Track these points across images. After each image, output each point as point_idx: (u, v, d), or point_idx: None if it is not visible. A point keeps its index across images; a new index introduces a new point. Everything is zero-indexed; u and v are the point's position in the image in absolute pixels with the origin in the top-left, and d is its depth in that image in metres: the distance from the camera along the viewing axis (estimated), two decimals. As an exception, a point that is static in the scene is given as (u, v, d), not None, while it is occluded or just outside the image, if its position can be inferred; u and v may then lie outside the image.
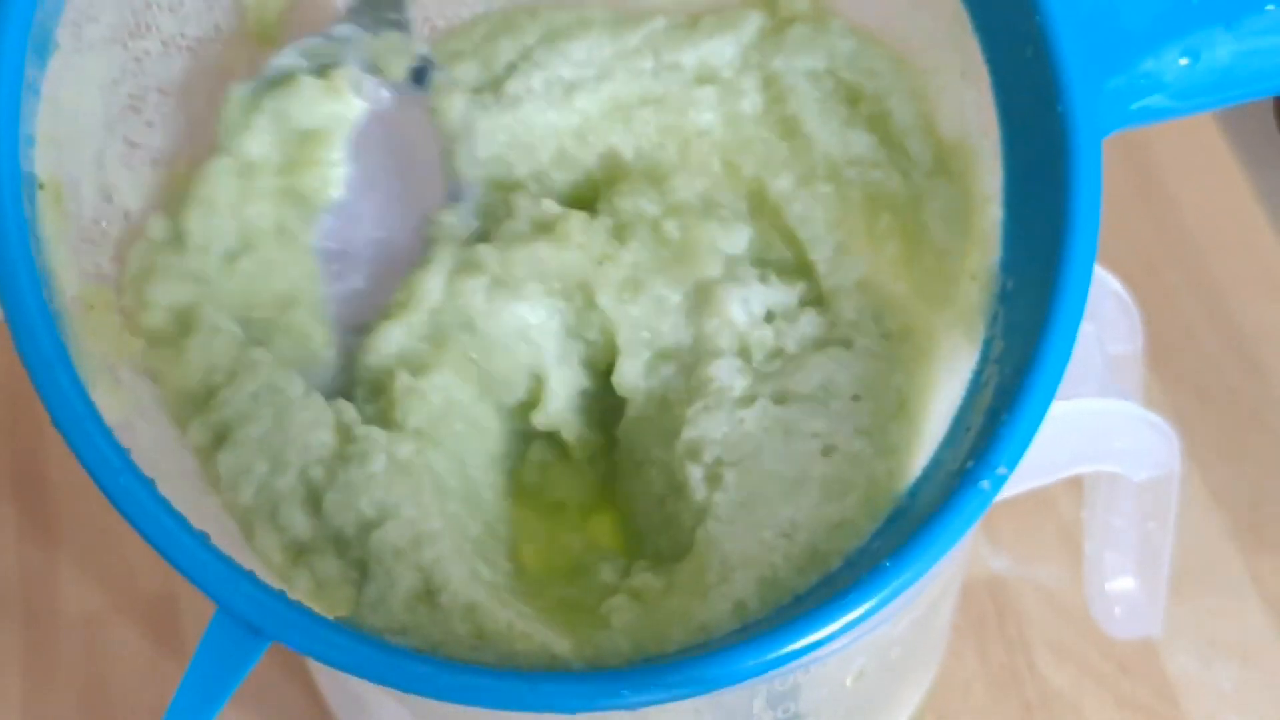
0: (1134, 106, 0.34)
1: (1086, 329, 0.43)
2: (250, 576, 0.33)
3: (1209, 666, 0.51)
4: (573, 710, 0.32)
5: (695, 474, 0.37)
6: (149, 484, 0.33)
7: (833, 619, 0.32)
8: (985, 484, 0.33)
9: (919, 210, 0.39)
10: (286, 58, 0.39)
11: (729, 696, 0.40)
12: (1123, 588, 0.47)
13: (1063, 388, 0.43)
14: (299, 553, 0.35)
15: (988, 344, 0.35)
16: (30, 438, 0.57)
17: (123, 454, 0.33)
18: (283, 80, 0.39)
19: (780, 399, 0.38)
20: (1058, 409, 0.41)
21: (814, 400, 0.38)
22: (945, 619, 0.47)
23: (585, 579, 0.39)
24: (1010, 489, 0.42)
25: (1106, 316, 0.44)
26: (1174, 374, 0.58)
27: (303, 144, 0.39)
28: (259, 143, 0.38)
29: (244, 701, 0.51)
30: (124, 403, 0.35)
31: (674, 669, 0.33)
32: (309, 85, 0.39)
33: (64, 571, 0.54)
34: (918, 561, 0.32)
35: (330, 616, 0.34)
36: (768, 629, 0.33)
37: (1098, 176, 0.33)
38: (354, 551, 0.35)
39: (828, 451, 0.37)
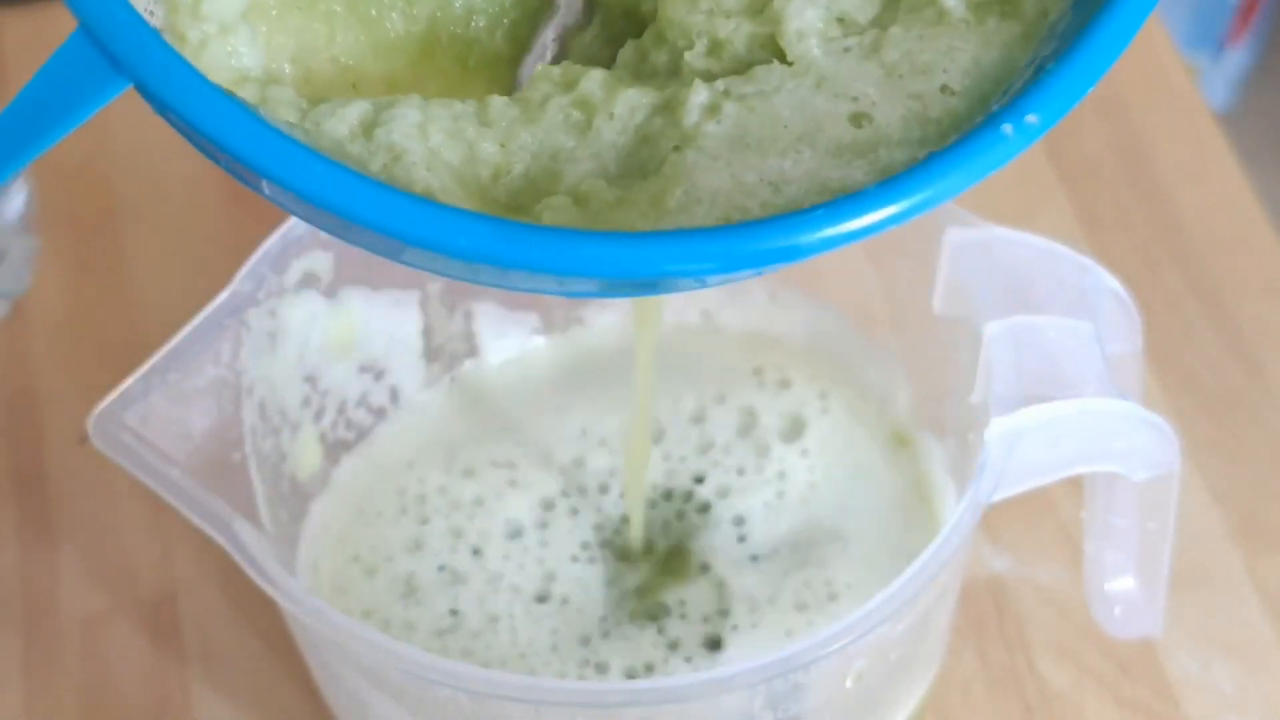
0: None
1: (1085, 328, 0.43)
2: (128, 6, 0.29)
3: (1209, 666, 0.51)
4: (466, 254, 0.29)
5: (697, 96, 0.33)
6: None
7: (794, 230, 0.29)
8: (1008, 128, 0.30)
9: None
10: None
11: (730, 699, 0.40)
12: (1123, 588, 0.47)
13: (1062, 388, 0.43)
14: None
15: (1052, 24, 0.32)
16: (30, 438, 0.57)
17: None
18: None
19: (834, 49, 0.34)
20: (1057, 409, 0.42)
21: (873, 63, 0.33)
22: (945, 619, 0.47)
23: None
24: (1010, 489, 0.42)
25: (1106, 316, 0.44)
26: (1174, 374, 0.58)
27: None
28: None
29: (244, 701, 0.51)
30: None
31: (592, 238, 0.29)
32: None
33: (64, 572, 0.54)
34: (903, 195, 0.29)
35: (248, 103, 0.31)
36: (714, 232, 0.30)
37: None
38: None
39: (858, 121, 0.33)
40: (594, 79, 0.34)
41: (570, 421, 0.51)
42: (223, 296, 0.44)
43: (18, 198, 0.61)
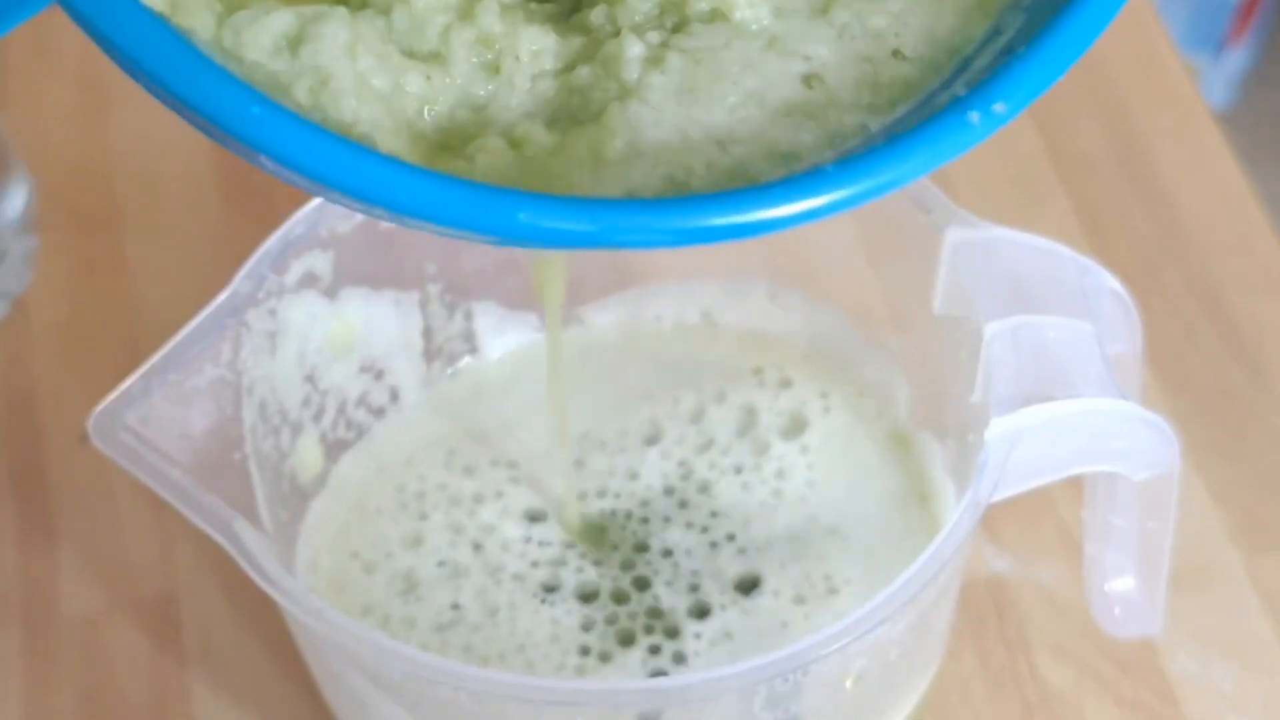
0: None
1: (1085, 328, 0.43)
2: None
3: (1209, 666, 0.51)
4: (396, 209, 0.28)
5: (633, 49, 0.32)
6: None
7: (739, 207, 0.28)
8: (974, 116, 0.29)
9: None
10: None
11: (729, 699, 0.40)
12: (1123, 588, 0.47)
13: (1062, 388, 0.43)
14: None
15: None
16: (30, 438, 0.57)
17: None
18: None
19: (782, 11, 0.33)
20: (1057, 409, 0.42)
21: (823, 23, 0.32)
22: (944, 620, 0.47)
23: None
24: (1010, 489, 0.42)
25: (1106, 316, 0.44)
26: (1174, 374, 0.58)
27: None
28: None
29: (244, 701, 0.51)
30: None
31: (521, 199, 0.28)
32: None
33: (64, 572, 0.54)
34: (862, 178, 0.28)
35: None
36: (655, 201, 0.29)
37: None
38: None
39: (809, 81, 0.32)
40: (490, 9, 0.32)
41: (570, 422, 0.51)
42: (223, 296, 0.44)
43: (18, 197, 0.61)
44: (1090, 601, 0.48)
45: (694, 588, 0.47)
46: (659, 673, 0.46)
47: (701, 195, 0.30)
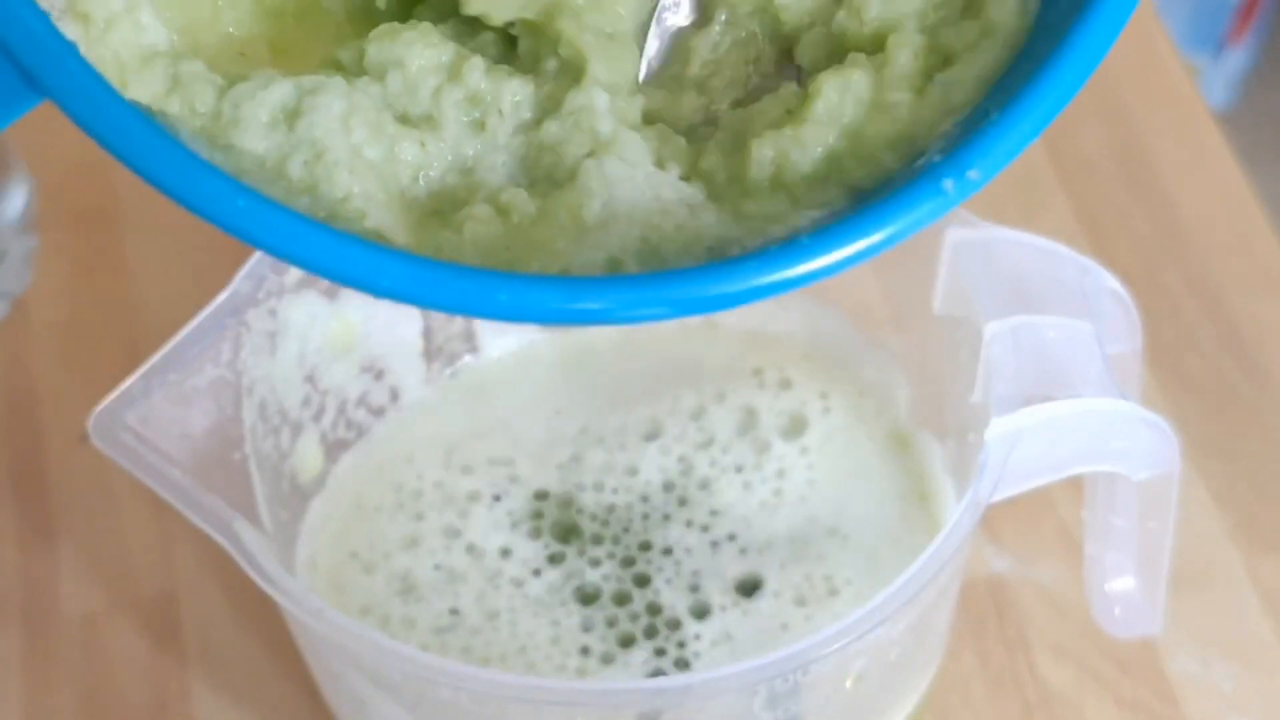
0: None
1: (1085, 328, 0.43)
2: (42, 15, 0.29)
3: (1209, 666, 0.51)
4: (382, 290, 0.29)
5: (600, 101, 0.33)
6: None
7: (717, 280, 0.29)
8: (948, 184, 0.29)
9: None
10: None
11: (730, 699, 0.40)
12: (1123, 588, 0.47)
13: (1062, 388, 0.43)
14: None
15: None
16: (30, 438, 0.57)
17: None
18: None
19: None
20: (1057, 409, 0.42)
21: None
22: (944, 620, 0.47)
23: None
24: (1010, 489, 0.42)
25: (1106, 316, 0.44)
26: (1174, 374, 0.58)
27: None
28: None
29: (244, 701, 0.51)
30: None
31: (514, 282, 0.29)
32: None
33: (64, 571, 0.54)
34: (839, 245, 0.29)
35: (177, 115, 0.31)
36: (636, 278, 0.30)
37: None
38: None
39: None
40: (476, 67, 0.33)
41: (570, 421, 0.52)
42: (223, 296, 0.44)
43: (18, 197, 0.61)
44: (1090, 601, 0.48)
45: (694, 588, 0.47)
46: (659, 673, 0.46)
47: (670, 274, 0.30)
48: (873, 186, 0.31)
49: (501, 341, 0.53)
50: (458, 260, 0.31)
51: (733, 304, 0.29)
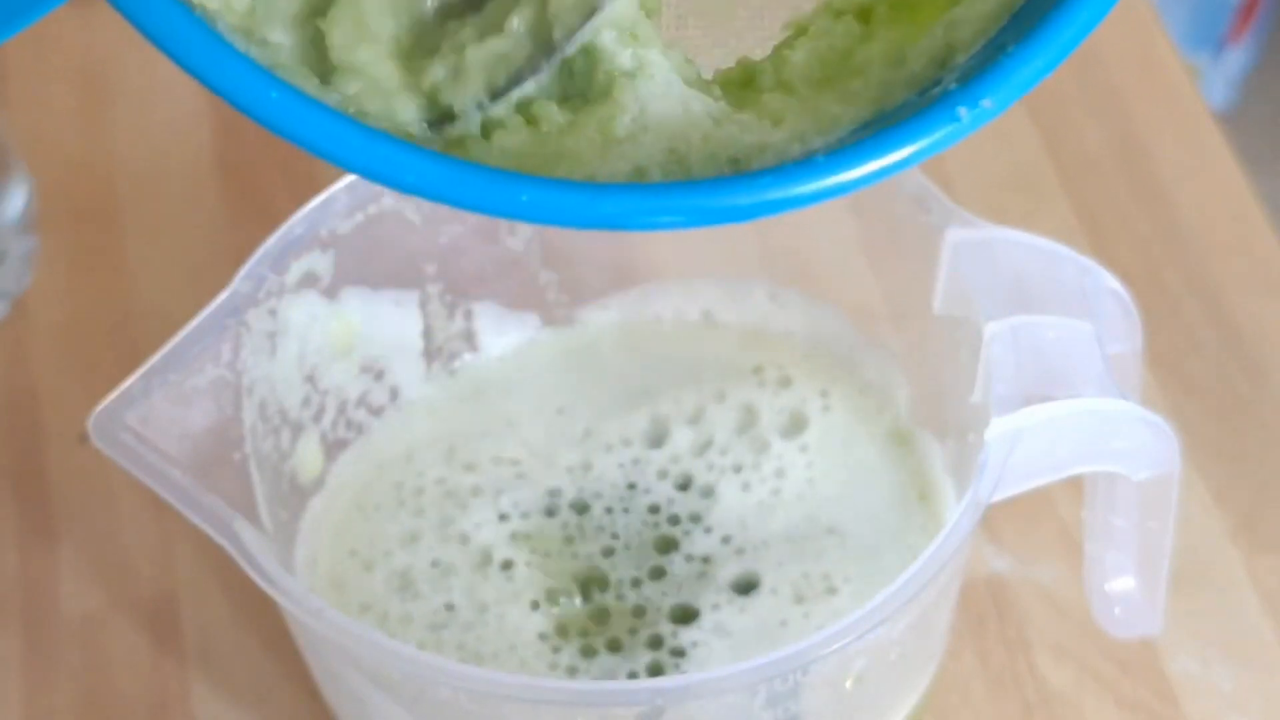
0: None
1: (1085, 328, 0.43)
2: None
3: (1209, 666, 0.51)
4: (412, 190, 0.30)
5: (614, 45, 0.33)
6: None
7: (740, 191, 0.30)
8: (963, 111, 0.30)
9: None
10: None
11: (729, 699, 0.40)
12: (1123, 588, 0.47)
13: (1062, 388, 0.43)
14: None
15: None
16: (30, 437, 0.57)
17: None
18: None
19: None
20: (1057, 409, 0.42)
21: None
22: (944, 620, 0.47)
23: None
24: (1010, 489, 0.42)
25: (1106, 316, 0.44)
26: (1174, 374, 0.58)
27: None
28: None
29: (244, 701, 0.51)
30: None
31: (536, 184, 0.30)
32: None
33: (64, 571, 0.54)
34: (853, 165, 0.30)
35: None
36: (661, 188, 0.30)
37: None
38: None
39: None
40: None
41: (571, 419, 0.52)
42: (223, 296, 0.44)
43: (18, 197, 0.61)
44: (1090, 601, 0.48)
45: (693, 586, 0.47)
46: (658, 672, 0.46)
47: (691, 183, 0.31)
48: (883, 113, 0.32)
49: (501, 340, 0.53)
50: (485, 161, 0.32)
51: (747, 216, 0.30)
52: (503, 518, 0.49)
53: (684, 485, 0.50)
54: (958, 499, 0.45)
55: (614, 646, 0.47)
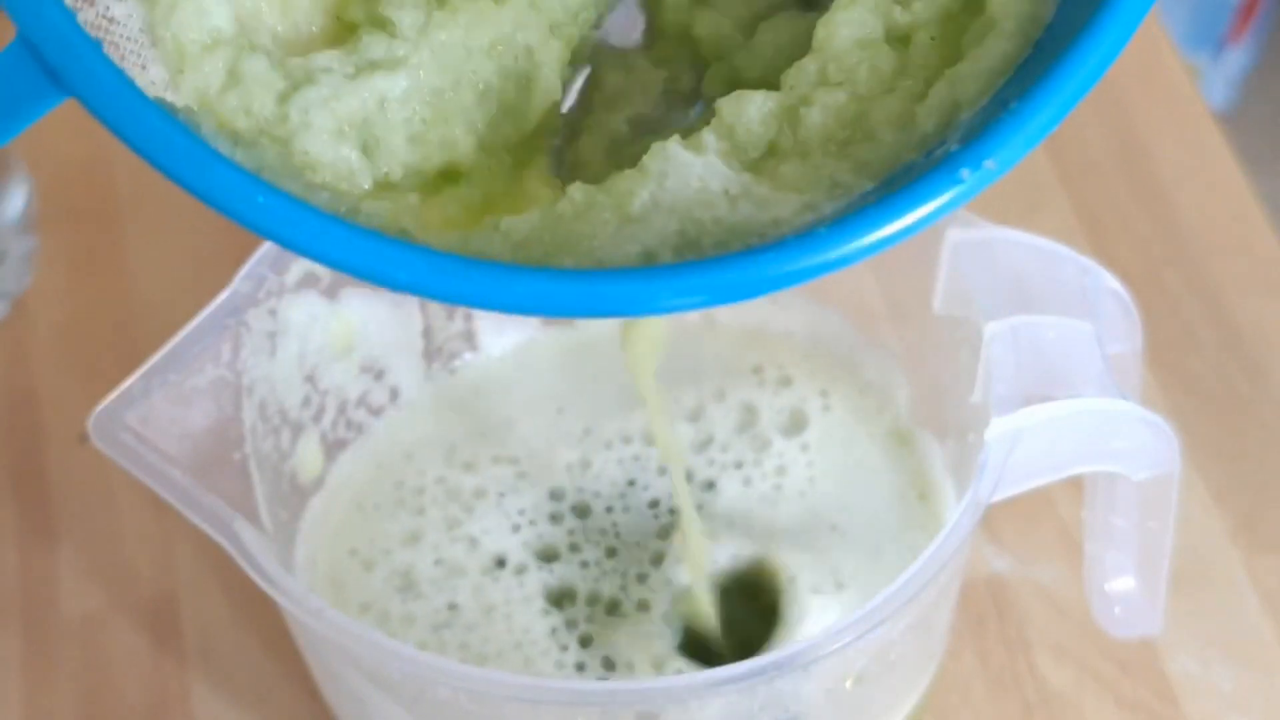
0: None
1: (1085, 328, 0.43)
2: (67, 12, 0.29)
3: (1209, 666, 0.51)
4: (409, 289, 0.29)
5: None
6: None
7: (741, 269, 0.30)
8: (965, 173, 0.29)
9: None
10: None
11: (729, 698, 0.40)
12: (1123, 588, 0.47)
13: (1062, 388, 0.43)
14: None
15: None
16: (30, 437, 0.57)
17: None
18: None
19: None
20: (1057, 409, 0.42)
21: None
22: (944, 620, 0.47)
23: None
24: (1010, 489, 0.42)
25: (1106, 316, 0.44)
26: (1174, 374, 0.58)
27: None
28: None
29: (244, 701, 0.51)
30: None
31: (526, 274, 0.30)
32: None
33: (64, 571, 0.54)
34: (854, 237, 0.29)
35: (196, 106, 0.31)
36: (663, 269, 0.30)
37: None
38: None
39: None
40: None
41: (571, 419, 0.52)
42: (223, 296, 0.44)
43: (18, 197, 0.61)
44: (1090, 601, 0.48)
45: (693, 586, 0.47)
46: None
47: (690, 263, 0.31)
48: (889, 176, 0.32)
49: (501, 340, 0.53)
50: (486, 253, 0.31)
51: (748, 295, 0.30)
52: (503, 516, 0.49)
53: (685, 480, 0.50)
54: (958, 499, 0.45)
55: (619, 646, 0.47)
